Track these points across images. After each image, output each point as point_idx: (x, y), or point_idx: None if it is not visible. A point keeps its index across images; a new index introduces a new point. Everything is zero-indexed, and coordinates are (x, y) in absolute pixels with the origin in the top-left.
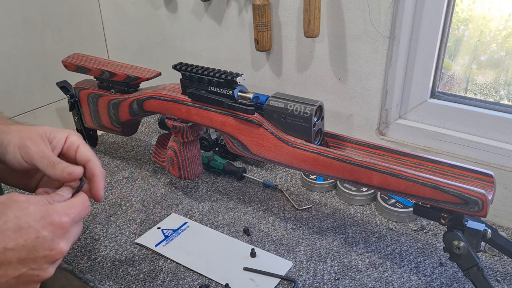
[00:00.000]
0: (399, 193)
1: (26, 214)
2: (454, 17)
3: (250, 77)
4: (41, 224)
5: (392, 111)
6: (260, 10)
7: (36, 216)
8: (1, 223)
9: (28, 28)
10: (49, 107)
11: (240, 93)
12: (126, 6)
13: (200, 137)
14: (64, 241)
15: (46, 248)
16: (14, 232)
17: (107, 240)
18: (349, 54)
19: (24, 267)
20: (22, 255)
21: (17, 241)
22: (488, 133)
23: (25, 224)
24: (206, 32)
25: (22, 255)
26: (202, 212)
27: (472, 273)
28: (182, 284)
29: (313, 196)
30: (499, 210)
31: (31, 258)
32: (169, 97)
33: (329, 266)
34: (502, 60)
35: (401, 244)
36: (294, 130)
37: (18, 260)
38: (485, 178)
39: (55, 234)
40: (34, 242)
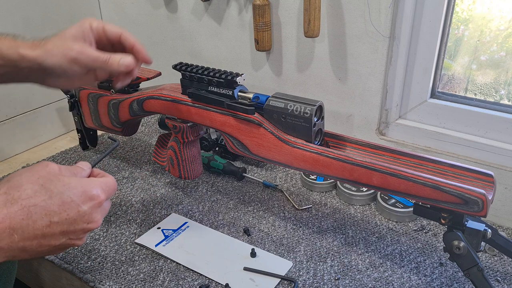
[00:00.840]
0: (399, 193)
1: (69, 189)
2: (454, 17)
3: (250, 77)
4: (82, 199)
5: (392, 111)
6: (260, 10)
7: (78, 191)
8: (47, 198)
9: (28, 28)
10: (49, 107)
11: (240, 93)
12: (126, 6)
13: (200, 137)
14: (99, 215)
15: (85, 221)
16: (59, 206)
17: (107, 240)
18: (349, 54)
19: (64, 237)
20: (64, 228)
21: (61, 215)
22: (488, 133)
23: (68, 199)
24: (206, 32)
25: (64, 228)
26: (202, 212)
27: (472, 273)
28: (182, 284)
29: (313, 196)
30: (499, 210)
31: (71, 230)
32: (169, 97)
33: (329, 266)
34: (502, 60)
35: (401, 244)
36: (294, 130)
37: (60, 232)
38: (485, 178)
39: (93, 208)
40: (76, 216)
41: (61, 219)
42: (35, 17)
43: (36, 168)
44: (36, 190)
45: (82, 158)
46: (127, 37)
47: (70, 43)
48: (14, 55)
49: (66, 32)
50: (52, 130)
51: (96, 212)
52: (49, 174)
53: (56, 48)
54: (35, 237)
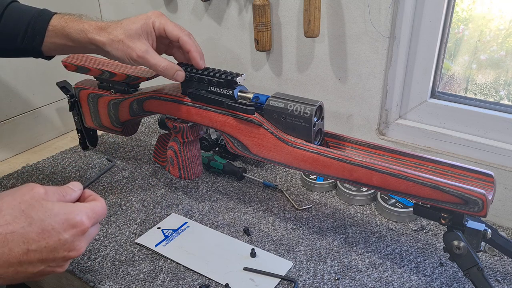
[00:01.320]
0: (399, 193)
1: (50, 216)
2: (454, 17)
3: (250, 77)
4: (63, 226)
5: (392, 111)
6: (260, 10)
7: (60, 218)
8: (26, 225)
9: None
10: (49, 107)
11: (240, 93)
12: (126, 6)
13: (200, 137)
14: (82, 242)
15: (66, 249)
16: (38, 234)
17: (107, 240)
18: (349, 54)
19: (43, 265)
20: (43, 256)
21: (40, 243)
22: (488, 133)
23: (49, 227)
24: (206, 32)
25: (43, 256)
26: (202, 212)
27: (472, 273)
28: (182, 284)
29: (313, 196)
30: (499, 210)
31: (50, 258)
32: (169, 97)
33: (329, 266)
34: (502, 60)
35: (401, 244)
36: (294, 130)
37: (38, 260)
38: (485, 178)
39: (75, 236)
40: (56, 244)
41: (39, 247)
42: None
43: (20, 192)
44: (15, 216)
45: (82, 158)
46: (184, 42)
47: (132, 43)
48: (85, 40)
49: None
50: (52, 130)
51: (78, 240)
52: (32, 199)
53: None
54: (10, 264)
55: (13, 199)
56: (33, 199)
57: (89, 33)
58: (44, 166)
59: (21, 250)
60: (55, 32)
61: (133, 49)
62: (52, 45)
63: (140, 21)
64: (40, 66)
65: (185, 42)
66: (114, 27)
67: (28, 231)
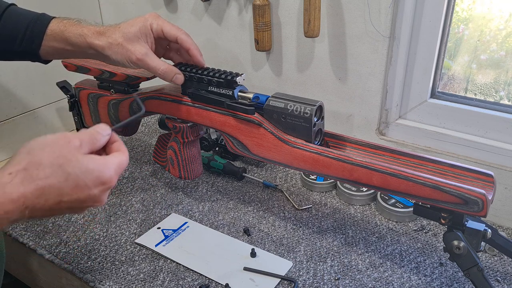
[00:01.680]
0: (399, 193)
1: (84, 173)
2: (454, 17)
3: (250, 77)
4: (95, 183)
5: (392, 111)
6: (260, 10)
7: (93, 176)
8: (63, 180)
9: None
10: (49, 107)
11: (240, 93)
12: (126, 6)
13: (200, 137)
14: (106, 195)
15: (92, 201)
16: (72, 189)
17: (107, 240)
18: (349, 54)
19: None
20: (72, 205)
21: (72, 196)
22: (488, 133)
23: (82, 183)
24: (206, 32)
25: (71, 205)
26: (202, 212)
27: (472, 273)
28: (182, 284)
29: (313, 196)
30: (499, 210)
31: (78, 207)
32: (169, 97)
33: (329, 266)
34: (502, 60)
35: (401, 244)
36: (294, 130)
37: (67, 208)
38: (485, 178)
39: (103, 191)
40: (85, 198)
41: (71, 199)
42: None
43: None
44: (54, 171)
45: None
46: (183, 40)
47: (132, 46)
48: (83, 44)
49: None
50: (52, 130)
51: (104, 194)
52: (69, 153)
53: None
54: (43, 211)
55: (52, 151)
56: (70, 153)
57: (88, 38)
58: None
59: (54, 201)
60: (53, 36)
61: (132, 52)
62: (50, 49)
63: (138, 23)
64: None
65: (183, 41)
66: (112, 31)
67: (64, 186)
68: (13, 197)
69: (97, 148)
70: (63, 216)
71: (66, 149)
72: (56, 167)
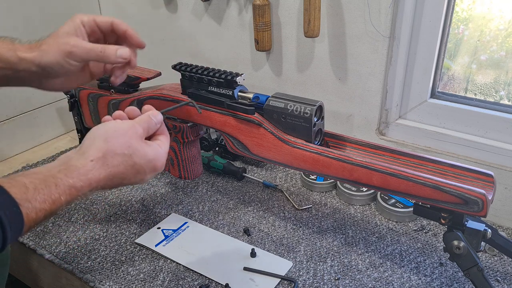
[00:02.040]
0: (399, 193)
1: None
2: (454, 17)
3: (250, 77)
4: (150, 170)
5: (392, 111)
6: (260, 10)
7: (151, 164)
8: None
9: (28, 28)
10: (49, 107)
11: (240, 93)
12: (126, 6)
13: (200, 137)
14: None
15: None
16: (133, 174)
17: (107, 240)
18: (349, 54)
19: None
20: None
21: (131, 180)
22: (488, 133)
23: (142, 170)
24: (206, 32)
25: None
26: (202, 212)
27: (472, 273)
28: (182, 284)
29: (313, 196)
30: (499, 210)
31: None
32: (169, 97)
33: (329, 266)
34: (502, 60)
35: (401, 244)
36: (294, 130)
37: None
38: (485, 178)
39: (152, 175)
40: (139, 180)
41: (129, 182)
42: (35, 17)
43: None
44: (124, 160)
45: None
46: (118, 23)
47: (64, 39)
48: (13, 58)
49: (59, 30)
50: (52, 130)
51: (152, 177)
52: (137, 143)
53: (51, 47)
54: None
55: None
56: (137, 143)
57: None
58: None
59: (117, 183)
60: None
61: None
62: None
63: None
64: None
65: (118, 24)
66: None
67: (129, 172)
68: (91, 182)
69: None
70: (63, 216)
71: (134, 140)
72: (127, 157)
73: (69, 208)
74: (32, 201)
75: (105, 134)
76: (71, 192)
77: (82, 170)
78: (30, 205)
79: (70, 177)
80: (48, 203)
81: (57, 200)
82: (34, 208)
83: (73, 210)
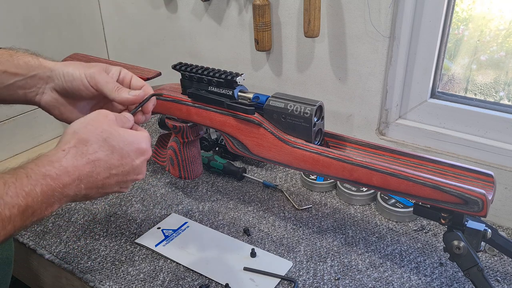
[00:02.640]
0: (399, 193)
1: (127, 144)
2: (454, 17)
3: (250, 77)
4: (136, 154)
5: (392, 111)
6: (260, 10)
7: (134, 146)
8: (109, 153)
9: (28, 28)
10: None
11: (240, 93)
12: (126, 6)
13: (200, 137)
14: (145, 167)
15: (136, 173)
16: (118, 160)
17: (107, 240)
18: (349, 54)
19: (117, 186)
20: (119, 179)
21: (119, 168)
22: (488, 133)
23: (126, 154)
24: (206, 32)
25: (119, 179)
26: (202, 212)
27: (472, 273)
28: (182, 284)
29: (313, 196)
30: (499, 210)
31: (124, 180)
32: (169, 97)
33: (329, 266)
34: (502, 60)
35: (401, 244)
36: (294, 130)
37: (116, 182)
38: (485, 178)
39: (143, 161)
40: (130, 169)
41: (118, 172)
42: (35, 17)
43: (99, 120)
44: (100, 145)
45: None
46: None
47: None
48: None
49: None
50: (52, 130)
51: (144, 165)
52: (110, 127)
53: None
54: (96, 187)
55: (95, 128)
56: (110, 127)
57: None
58: None
59: (105, 174)
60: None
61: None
62: None
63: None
64: None
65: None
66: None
67: (111, 158)
68: (68, 170)
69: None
70: (63, 216)
71: (106, 124)
72: (102, 141)
73: (69, 208)
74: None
75: (72, 128)
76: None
77: (54, 158)
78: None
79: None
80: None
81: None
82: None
83: (73, 210)
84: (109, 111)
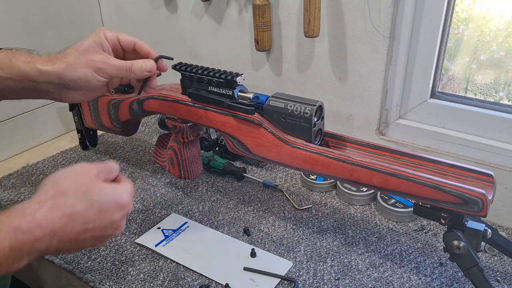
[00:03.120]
0: (399, 193)
1: (106, 199)
2: (454, 17)
3: (250, 77)
4: (115, 208)
5: (392, 111)
6: (260, 10)
7: (113, 200)
8: (88, 207)
9: (28, 28)
10: (49, 107)
11: (240, 93)
12: (126, 6)
13: (200, 137)
14: (124, 221)
15: (113, 227)
16: (95, 215)
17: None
18: (349, 54)
19: (93, 241)
20: (96, 233)
21: (96, 223)
22: (488, 133)
23: (105, 208)
24: (206, 32)
25: (96, 233)
26: (202, 212)
27: (472, 273)
28: (182, 284)
29: (313, 196)
30: (499, 210)
31: (101, 235)
32: (169, 97)
33: (329, 266)
34: (502, 60)
35: (401, 244)
36: (294, 130)
37: (92, 237)
38: (485, 178)
39: (122, 216)
40: (107, 223)
41: (95, 226)
42: (35, 17)
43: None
44: (79, 199)
45: (82, 158)
46: (141, 44)
47: (91, 55)
48: (32, 71)
49: (83, 44)
50: (52, 130)
51: (123, 220)
52: (90, 182)
53: (78, 61)
54: (69, 240)
55: (75, 180)
56: (91, 181)
57: (38, 64)
58: (44, 166)
59: (80, 229)
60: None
61: (94, 59)
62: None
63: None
64: None
65: (142, 45)
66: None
67: (88, 212)
68: (41, 223)
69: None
70: None
71: (87, 177)
72: (81, 195)
73: None
74: None
75: (53, 178)
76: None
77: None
78: None
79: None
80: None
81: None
82: None
83: None
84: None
